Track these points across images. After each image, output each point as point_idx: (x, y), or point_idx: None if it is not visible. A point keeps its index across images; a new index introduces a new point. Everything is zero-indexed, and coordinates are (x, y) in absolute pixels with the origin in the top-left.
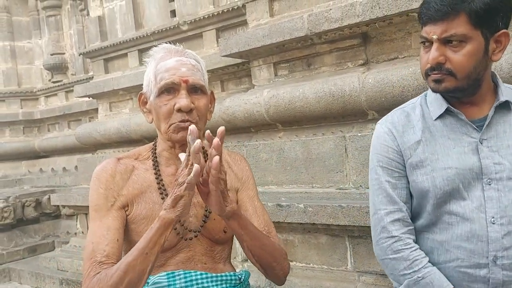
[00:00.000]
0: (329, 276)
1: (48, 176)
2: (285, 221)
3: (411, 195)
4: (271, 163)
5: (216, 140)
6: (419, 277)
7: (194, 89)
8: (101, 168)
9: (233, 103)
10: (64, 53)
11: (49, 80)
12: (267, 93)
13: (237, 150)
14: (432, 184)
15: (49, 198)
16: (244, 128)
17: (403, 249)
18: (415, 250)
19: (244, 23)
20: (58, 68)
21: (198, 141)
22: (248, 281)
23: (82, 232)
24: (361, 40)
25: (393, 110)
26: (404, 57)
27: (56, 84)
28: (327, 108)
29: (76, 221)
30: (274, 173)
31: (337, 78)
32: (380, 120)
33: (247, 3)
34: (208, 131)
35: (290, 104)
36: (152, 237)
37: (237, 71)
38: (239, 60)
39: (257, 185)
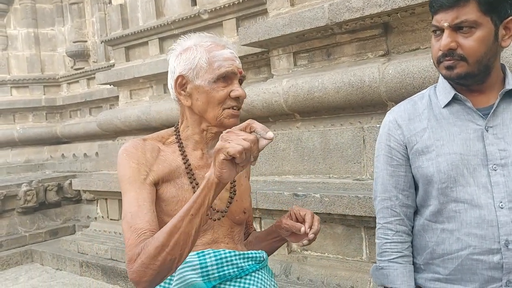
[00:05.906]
0: (344, 265)
1: (69, 162)
2: None
3: (415, 184)
4: (289, 153)
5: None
6: (380, 266)
7: (240, 81)
8: (130, 145)
9: (251, 92)
10: (86, 41)
11: (72, 67)
12: (286, 82)
13: None
14: (436, 169)
15: (70, 183)
16: (262, 117)
17: (381, 237)
18: (389, 242)
19: (264, 12)
20: (80, 55)
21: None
22: (267, 261)
23: (102, 217)
24: (382, 30)
25: (403, 101)
26: (425, 48)
27: (78, 71)
28: (346, 99)
29: (97, 206)
30: (291, 163)
31: (357, 69)
32: (389, 110)
33: None
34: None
35: (309, 94)
36: (196, 198)
37: (256, 60)
38: (258, 50)
39: (274, 174)
